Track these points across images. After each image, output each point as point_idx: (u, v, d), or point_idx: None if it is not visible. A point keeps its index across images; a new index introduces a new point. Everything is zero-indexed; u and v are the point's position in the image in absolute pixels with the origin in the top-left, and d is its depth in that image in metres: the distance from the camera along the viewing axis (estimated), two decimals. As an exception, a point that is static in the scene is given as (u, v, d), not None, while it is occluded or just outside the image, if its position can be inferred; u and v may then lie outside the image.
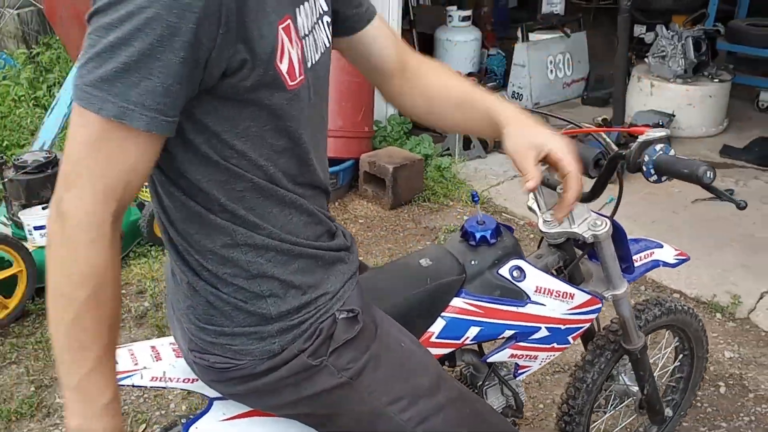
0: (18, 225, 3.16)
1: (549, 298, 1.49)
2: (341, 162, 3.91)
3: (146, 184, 1.05)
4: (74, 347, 0.94)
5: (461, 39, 5.78)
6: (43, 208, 3.13)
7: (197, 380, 1.23)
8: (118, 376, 1.18)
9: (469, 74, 5.72)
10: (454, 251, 1.48)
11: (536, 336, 1.51)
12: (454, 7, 5.89)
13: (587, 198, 1.49)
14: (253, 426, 1.25)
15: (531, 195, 1.61)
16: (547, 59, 5.62)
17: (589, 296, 1.55)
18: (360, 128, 3.98)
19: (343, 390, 1.14)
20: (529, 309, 1.48)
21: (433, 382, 1.23)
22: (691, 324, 1.98)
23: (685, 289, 3.16)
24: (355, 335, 1.14)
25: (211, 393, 1.25)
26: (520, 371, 1.57)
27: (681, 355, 2.12)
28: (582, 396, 1.81)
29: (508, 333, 1.48)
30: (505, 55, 6.04)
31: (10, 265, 2.92)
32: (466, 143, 4.60)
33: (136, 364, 1.24)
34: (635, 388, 1.96)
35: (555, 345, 1.54)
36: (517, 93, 5.57)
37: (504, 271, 1.47)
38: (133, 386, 1.23)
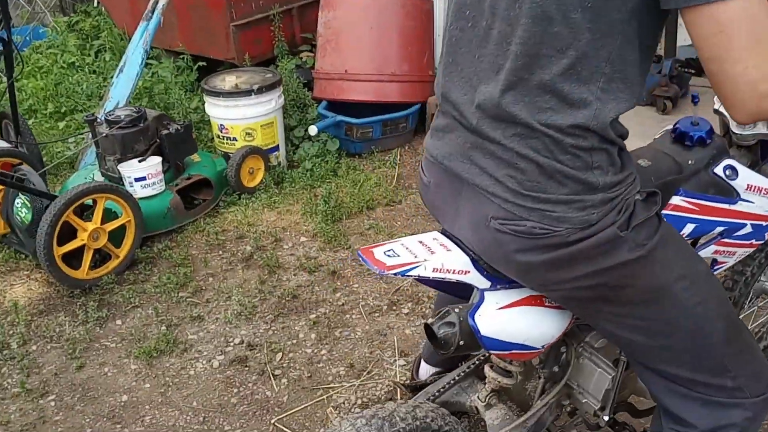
0: (112, 180, 3.25)
1: (758, 195, 1.57)
2: (409, 106, 3.99)
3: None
4: None
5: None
6: (140, 161, 3.22)
7: (469, 272, 1.31)
8: (402, 269, 1.25)
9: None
10: (669, 152, 1.55)
11: (741, 232, 1.58)
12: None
13: None
14: (526, 314, 1.35)
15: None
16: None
17: None
18: (425, 72, 4.05)
19: (638, 263, 1.22)
20: (740, 206, 1.56)
21: (706, 270, 1.36)
22: None
23: None
24: (652, 215, 1.23)
25: (482, 284, 1.34)
26: (716, 267, 1.64)
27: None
28: (740, 288, 1.91)
29: (718, 230, 1.55)
30: None
31: (117, 216, 3.02)
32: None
33: (416, 256, 1.29)
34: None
35: (753, 241, 1.62)
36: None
37: (718, 170, 1.54)
38: (419, 277, 1.28)
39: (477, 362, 1.72)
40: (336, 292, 2.90)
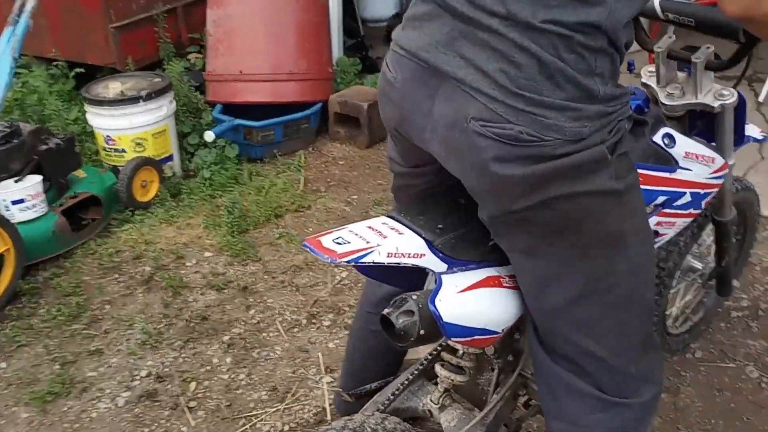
0: (-14, 204, 2.89)
1: (695, 162, 1.56)
2: (310, 105, 3.80)
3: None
4: None
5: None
6: (16, 181, 2.88)
7: (424, 255, 1.22)
8: (356, 255, 1.15)
9: (395, 15, 5.66)
10: None
11: (680, 202, 1.56)
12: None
13: (723, 66, 1.54)
14: (486, 295, 1.28)
15: (646, 71, 1.65)
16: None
17: (724, 161, 1.62)
18: (324, 69, 3.88)
19: (612, 198, 1.15)
20: (679, 174, 1.54)
21: (653, 234, 1.33)
22: (753, 203, 2.10)
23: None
24: (631, 151, 1.17)
25: (438, 267, 1.25)
26: (657, 239, 1.60)
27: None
28: (673, 258, 1.88)
29: (660, 199, 1.51)
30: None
31: (-6, 245, 2.68)
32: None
33: (368, 242, 1.20)
34: (699, 265, 2.07)
35: (692, 210, 1.60)
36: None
37: (657, 138, 1.52)
38: (374, 263, 1.18)
39: (424, 363, 1.60)
40: (249, 309, 2.69)
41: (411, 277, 1.37)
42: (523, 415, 1.70)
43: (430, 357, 1.62)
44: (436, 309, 1.21)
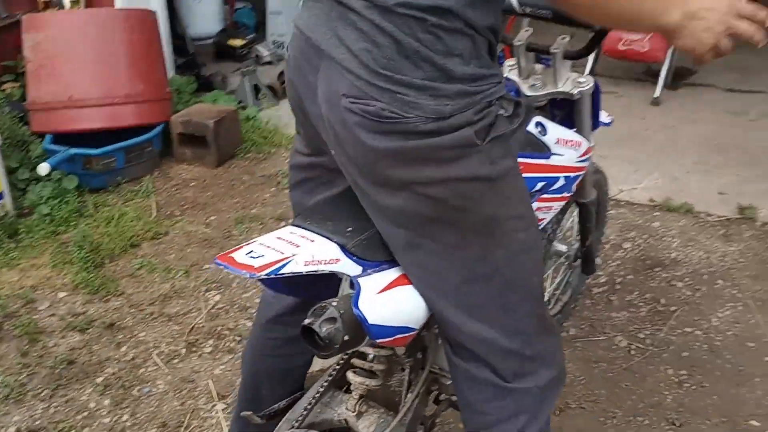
0: None
1: (565, 148, 1.66)
2: (150, 128, 3.63)
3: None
4: None
5: (204, -5, 5.59)
6: None
7: (339, 260, 1.22)
8: (274, 267, 1.13)
9: (222, 31, 5.58)
10: None
11: (556, 186, 1.65)
12: (189, -35, 5.67)
13: (579, 55, 1.66)
14: (402, 293, 1.29)
15: (507, 66, 1.74)
16: (299, 4, 5.66)
17: (588, 144, 1.74)
18: (162, 90, 3.73)
19: (487, 184, 1.18)
20: (553, 160, 1.64)
21: (536, 220, 1.36)
22: (603, 184, 2.29)
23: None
24: (510, 135, 1.19)
25: (354, 271, 1.24)
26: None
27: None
28: (545, 243, 2.00)
29: (539, 185, 1.60)
30: (252, 7, 5.99)
31: None
32: (257, 93, 4.54)
33: (282, 253, 1.17)
34: (564, 247, 2.23)
35: (565, 194, 1.71)
36: (278, 42, 5.57)
37: (531, 127, 1.60)
38: (293, 274, 1.16)
39: (333, 374, 1.59)
40: (120, 346, 2.52)
41: (318, 286, 1.35)
42: (436, 411, 1.73)
43: (338, 367, 1.62)
44: (361, 312, 1.21)
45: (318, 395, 1.57)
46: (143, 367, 2.43)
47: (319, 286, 1.36)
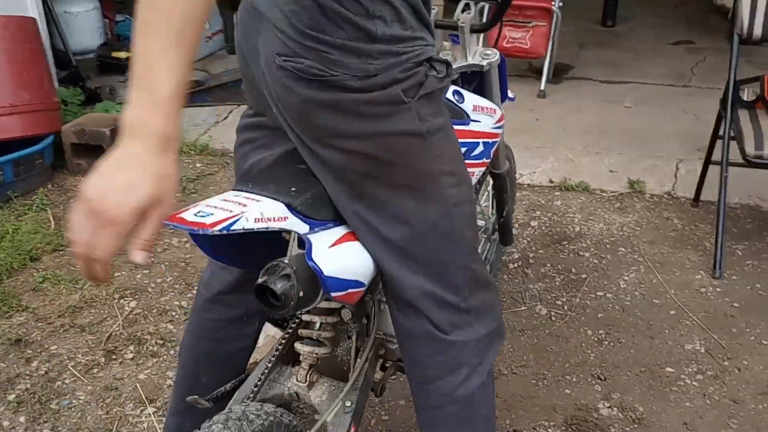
0: None
1: (482, 114, 1.71)
2: (39, 139, 3.44)
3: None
4: (142, 31, 0.89)
5: (81, 9, 5.36)
6: None
7: (287, 218, 1.22)
8: (225, 224, 1.12)
9: (103, 44, 5.37)
10: None
11: (476, 152, 1.71)
12: (61, -22, 5.43)
13: (485, 27, 1.72)
14: (351, 248, 1.31)
15: None
16: None
17: (502, 112, 1.81)
18: (49, 99, 3.53)
19: (416, 139, 1.23)
20: (472, 126, 1.68)
21: (468, 178, 1.40)
22: (511, 158, 2.38)
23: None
24: (439, 94, 1.24)
25: (301, 229, 1.24)
26: None
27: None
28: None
29: (461, 150, 1.64)
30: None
31: None
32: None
33: (231, 211, 1.15)
34: (482, 222, 2.30)
35: (485, 160, 1.77)
36: (164, 54, 5.41)
37: (449, 95, 1.64)
38: (244, 230, 1.14)
39: (279, 348, 1.58)
40: (31, 361, 2.36)
41: (263, 254, 1.33)
42: (384, 376, 1.74)
43: (283, 341, 1.61)
44: (316, 264, 1.22)
45: (267, 371, 1.55)
46: (59, 380, 2.28)
47: (264, 254, 1.34)
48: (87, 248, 0.91)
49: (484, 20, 1.96)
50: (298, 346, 1.52)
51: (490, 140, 1.81)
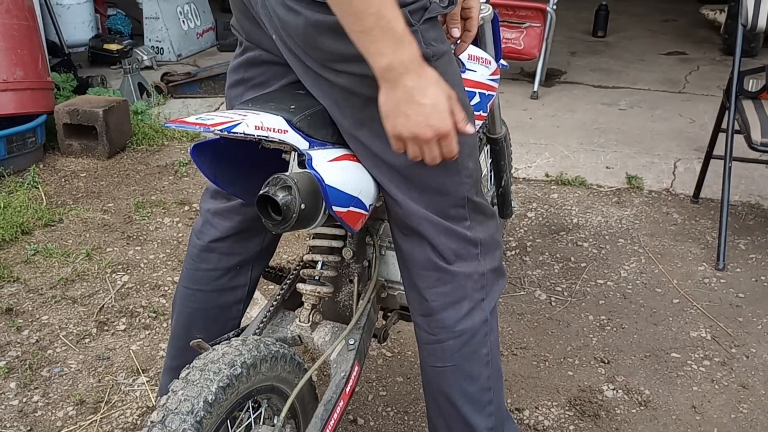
0: None
1: (477, 64, 1.69)
2: (33, 117, 3.38)
3: None
4: None
5: (73, 2, 5.31)
6: None
7: (287, 132, 1.20)
8: (227, 125, 1.12)
9: (95, 36, 5.32)
10: None
11: (473, 102, 1.67)
12: (53, -29, 5.39)
13: None
14: (351, 167, 1.30)
15: None
16: (177, 10, 5.53)
17: (497, 65, 1.79)
18: (43, 78, 3.48)
19: None
20: (468, 75, 1.66)
21: (470, 107, 1.40)
22: (505, 125, 2.35)
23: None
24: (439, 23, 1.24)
25: (301, 144, 1.22)
26: None
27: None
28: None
29: None
30: (126, 14, 5.76)
31: None
32: (141, 91, 4.35)
33: (231, 117, 1.15)
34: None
35: (482, 113, 1.74)
36: (157, 47, 5.39)
37: None
38: (245, 134, 1.13)
39: (281, 293, 1.55)
40: (21, 330, 2.29)
41: (256, 183, 1.28)
42: (387, 324, 1.72)
43: (285, 286, 1.58)
44: (318, 173, 1.19)
45: (269, 313, 1.51)
46: (50, 348, 2.21)
47: (260, 186, 1.30)
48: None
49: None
50: (300, 286, 1.49)
51: (486, 92, 1.77)
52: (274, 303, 1.52)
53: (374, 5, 1.04)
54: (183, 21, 5.59)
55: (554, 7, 4.62)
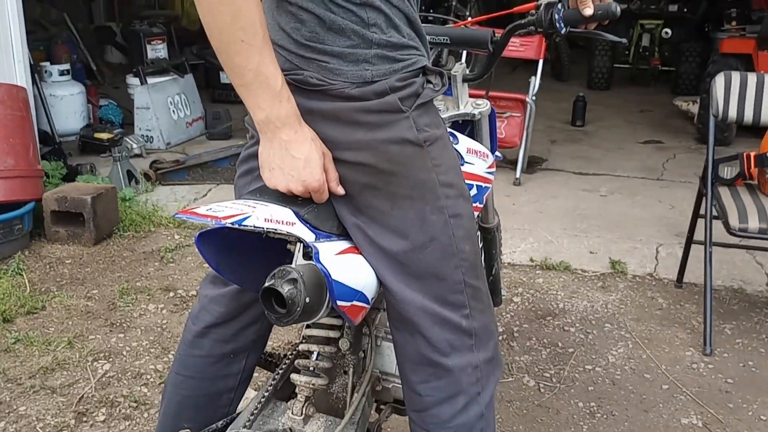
0: None
1: (475, 157, 1.73)
2: (21, 205, 3.39)
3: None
4: (236, 50, 1.11)
5: (66, 93, 5.43)
6: None
7: (295, 224, 1.22)
8: (238, 218, 1.14)
9: (86, 126, 5.40)
10: None
11: (470, 194, 1.70)
12: (47, 63, 5.54)
13: (477, 77, 1.77)
14: (356, 260, 1.30)
15: None
16: (167, 100, 5.65)
17: (494, 158, 1.83)
18: (33, 167, 3.51)
19: (414, 149, 1.25)
20: (466, 168, 1.69)
21: (468, 193, 1.41)
22: (497, 224, 2.39)
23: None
24: (435, 107, 1.29)
25: (308, 237, 1.23)
26: None
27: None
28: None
29: None
30: (117, 104, 5.88)
31: None
32: (130, 178, 4.39)
33: (241, 210, 1.16)
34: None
35: (478, 204, 1.77)
36: (147, 136, 5.47)
37: None
38: (255, 227, 1.14)
39: (273, 383, 1.52)
40: (-3, 422, 2.23)
41: (259, 272, 1.28)
42: (380, 418, 1.68)
43: (278, 376, 1.55)
44: (324, 267, 1.19)
45: (260, 405, 1.48)
46: (27, 441, 2.15)
47: (263, 275, 1.30)
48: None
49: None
50: (294, 376, 1.45)
51: (483, 184, 1.81)
52: (266, 393, 1.49)
53: (253, 62, 1.12)
54: (173, 111, 5.71)
55: (533, 98, 4.78)
